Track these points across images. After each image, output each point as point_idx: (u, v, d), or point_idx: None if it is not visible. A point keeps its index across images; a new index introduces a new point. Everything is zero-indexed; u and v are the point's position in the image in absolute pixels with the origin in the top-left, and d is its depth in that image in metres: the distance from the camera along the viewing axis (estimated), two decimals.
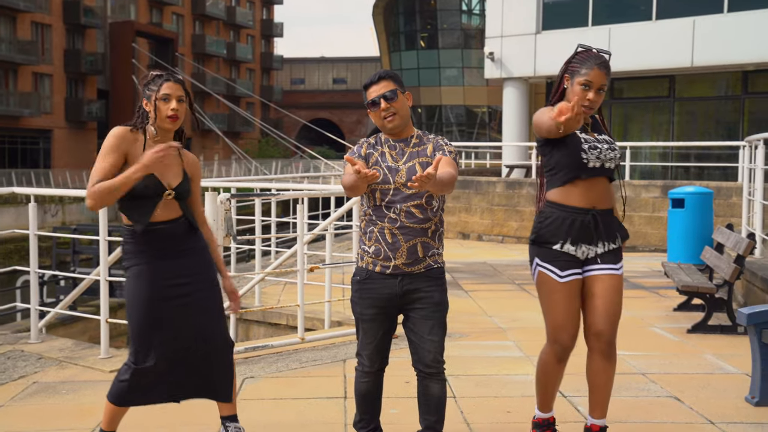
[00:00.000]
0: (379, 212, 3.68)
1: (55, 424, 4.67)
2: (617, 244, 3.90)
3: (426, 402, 3.80)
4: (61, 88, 48.32)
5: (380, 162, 3.70)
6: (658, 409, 4.90)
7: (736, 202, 12.98)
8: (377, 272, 3.70)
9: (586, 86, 3.71)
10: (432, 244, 3.70)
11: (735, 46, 18.14)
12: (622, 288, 3.89)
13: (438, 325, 3.70)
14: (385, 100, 3.68)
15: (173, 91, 3.83)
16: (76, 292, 7.13)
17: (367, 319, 3.75)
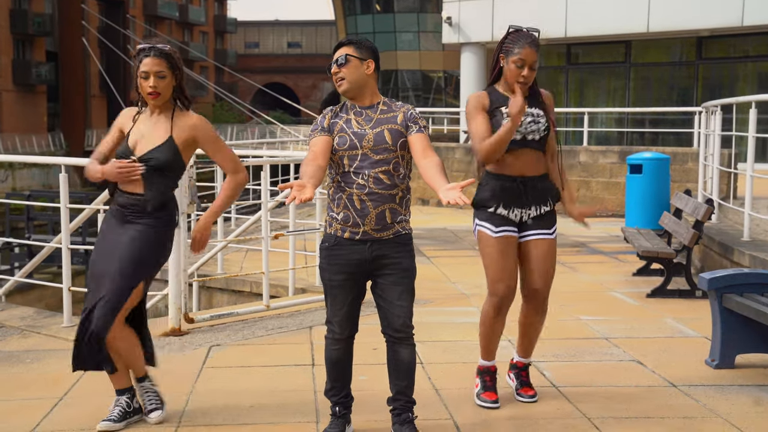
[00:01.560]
0: (347, 178, 3.70)
1: (21, 394, 4.62)
2: (549, 206, 4.27)
3: (396, 367, 3.84)
4: (7, 50, 47.02)
5: (345, 129, 3.73)
6: (622, 373, 5.01)
7: (691, 167, 13.20)
8: (346, 238, 3.72)
9: (520, 65, 4.09)
10: (399, 210, 3.74)
11: (690, 12, 18.32)
12: (555, 248, 4.29)
13: (407, 290, 3.76)
14: (336, 65, 3.75)
15: (151, 68, 3.87)
16: (36, 261, 7.02)
17: (337, 285, 3.77)
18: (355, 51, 3.75)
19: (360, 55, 3.74)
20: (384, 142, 3.69)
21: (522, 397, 4.46)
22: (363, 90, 3.78)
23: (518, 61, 4.08)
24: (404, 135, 3.73)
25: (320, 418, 4.19)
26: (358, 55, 3.74)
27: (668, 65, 20.55)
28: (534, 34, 4.16)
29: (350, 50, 3.75)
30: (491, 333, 4.39)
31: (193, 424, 4.13)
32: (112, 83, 49.67)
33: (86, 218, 6.91)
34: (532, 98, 4.23)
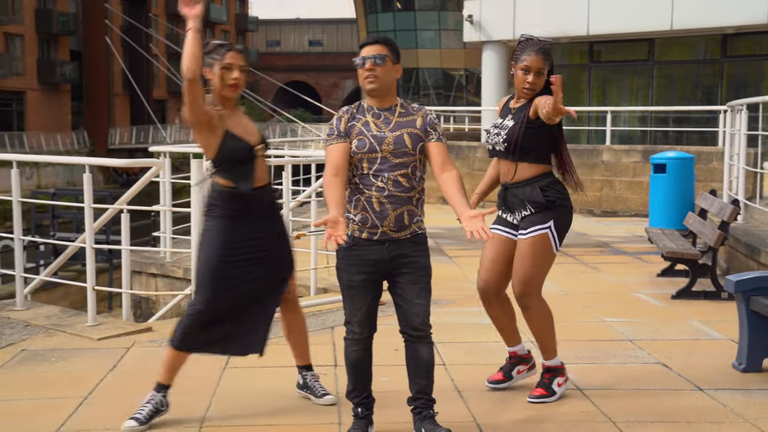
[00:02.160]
0: (366, 181, 3.71)
1: (47, 393, 4.65)
2: (529, 211, 4.38)
3: (416, 366, 3.85)
4: (32, 49, 47.44)
5: (364, 132, 3.74)
6: (647, 376, 4.97)
7: (716, 167, 13.07)
8: (364, 239, 3.74)
9: (526, 71, 4.28)
10: (416, 212, 3.78)
11: (715, 9, 18.12)
12: (533, 249, 4.37)
13: (425, 289, 3.79)
14: (372, 62, 3.73)
15: (236, 61, 4.04)
16: (61, 260, 7.07)
17: (356, 285, 3.78)
18: (390, 52, 3.77)
19: (393, 58, 3.78)
20: (404, 146, 3.71)
21: (529, 397, 4.52)
22: (388, 92, 3.80)
23: (524, 67, 4.27)
24: (423, 139, 3.75)
25: (342, 420, 4.19)
26: (392, 56, 3.77)
27: (692, 63, 20.34)
28: (544, 41, 4.31)
29: (386, 51, 3.76)
30: (493, 322, 4.70)
31: (216, 425, 4.14)
32: (135, 82, 50.04)
33: (110, 217, 6.95)
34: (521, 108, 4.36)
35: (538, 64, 4.24)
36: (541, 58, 4.25)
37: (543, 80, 4.30)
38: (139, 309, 9.33)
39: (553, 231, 4.36)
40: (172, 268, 8.97)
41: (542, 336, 4.52)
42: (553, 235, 4.36)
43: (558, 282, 7.89)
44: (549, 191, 4.35)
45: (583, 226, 12.41)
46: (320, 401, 4.43)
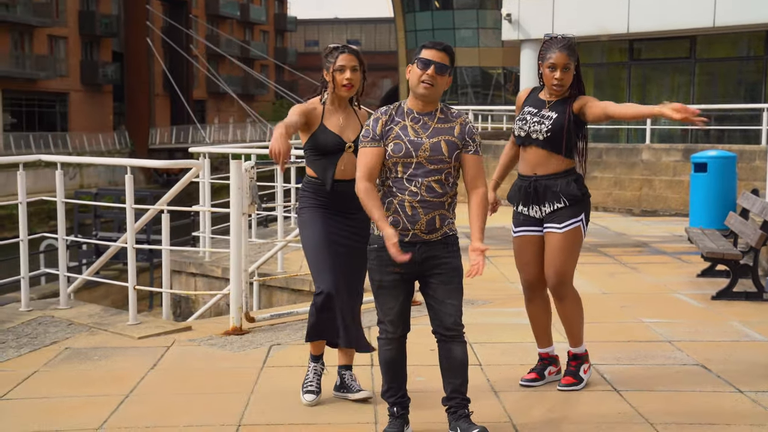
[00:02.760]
0: (399, 185, 3.74)
1: (88, 390, 4.74)
2: (563, 203, 4.48)
3: (449, 366, 3.86)
4: (76, 51, 48.22)
5: (401, 136, 3.75)
6: (685, 377, 4.92)
7: (759, 165, 12.87)
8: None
9: (552, 68, 4.40)
10: (448, 215, 3.81)
11: (757, 6, 17.83)
12: (568, 242, 4.50)
13: (456, 289, 3.81)
14: (436, 69, 3.74)
15: (347, 62, 4.29)
16: (103, 260, 7.20)
17: (388, 285, 3.81)
18: (449, 63, 3.80)
19: (451, 69, 3.82)
20: (440, 153, 3.73)
21: (558, 385, 4.66)
22: (436, 100, 3.83)
23: (550, 65, 4.40)
24: (459, 148, 3.77)
25: (378, 419, 4.22)
26: (450, 67, 3.81)
27: (735, 60, 20.04)
28: (568, 37, 4.42)
29: (448, 62, 3.79)
30: (531, 321, 4.82)
31: (253, 423, 4.19)
32: (175, 82, 50.66)
33: (151, 217, 7.06)
34: (560, 102, 4.47)
35: (563, 60, 4.36)
36: (566, 54, 4.37)
37: (570, 75, 4.42)
38: (178, 308, 9.45)
39: (584, 223, 4.54)
40: (211, 268, 9.08)
41: (573, 323, 4.66)
42: (584, 226, 4.55)
43: (597, 282, 7.85)
44: (579, 184, 4.52)
45: (622, 225, 12.31)
46: (356, 396, 4.49)
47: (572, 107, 4.45)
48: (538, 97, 4.56)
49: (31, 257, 16.99)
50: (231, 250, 6.05)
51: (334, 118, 4.34)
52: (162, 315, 6.75)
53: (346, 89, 4.30)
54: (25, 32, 44.55)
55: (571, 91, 4.50)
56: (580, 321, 4.67)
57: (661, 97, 20.96)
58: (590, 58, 21.69)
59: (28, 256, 6.56)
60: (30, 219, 24.22)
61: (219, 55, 57.31)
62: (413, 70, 3.78)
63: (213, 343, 5.74)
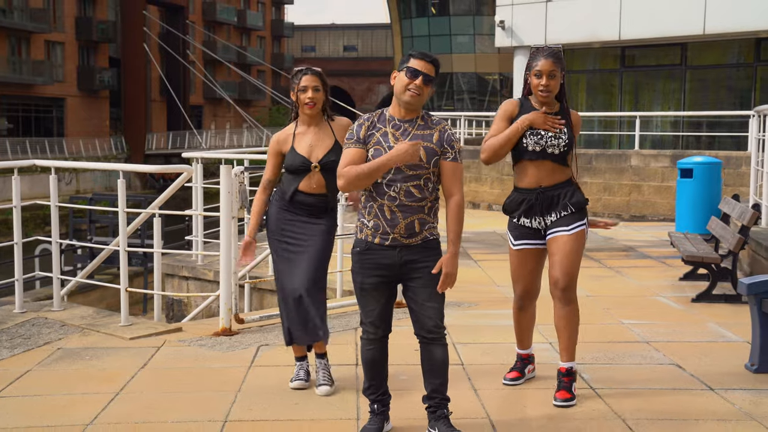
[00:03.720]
0: (379, 189, 3.85)
1: (81, 388, 4.87)
2: (568, 211, 4.56)
3: (430, 367, 3.98)
4: (73, 56, 48.38)
5: (382, 142, 3.86)
6: (660, 376, 5.07)
7: (745, 171, 13.04)
8: (376, 243, 3.88)
9: (538, 75, 4.48)
10: (428, 219, 3.90)
11: (748, 13, 18.04)
12: (577, 244, 4.55)
13: (436, 292, 3.88)
14: (423, 79, 3.85)
15: (309, 83, 4.66)
16: (96, 263, 7.33)
17: (369, 287, 3.93)
18: (435, 75, 3.92)
19: (434, 80, 3.93)
20: (418, 159, 3.81)
21: (555, 401, 4.56)
22: (419, 107, 3.94)
23: (536, 72, 4.48)
24: (438, 154, 3.86)
25: (360, 415, 4.36)
26: (435, 79, 3.93)
27: (725, 67, 20.24)
28: (554, 47, 4.53)
29: (434, 74, 3.90)
30: (519, 325, 4.91)
31: (240, 419, 4.33)
32: (172, 88, 50.79)
33: (143, 221, 7.20)
34: (558, 113, 4.58)
35: (548, 66, 4.45)
36: (551, 61, 4.46)
37: (557, 83, 4.50)
38: (171, 311, 9.59)
39: (587, 226, 4.63)
40: (204, 271, 9.22)
41: (572, 334, 4.61)
42: (588, 229, 4.64)
43: (581, 285, 7.96)
44: (580, 191, 4.66)
45: (611, 231, 12.46)
46: (317, 391, 4.77)
47: (571, 119, 4.60)
48: (529, 109, 4.57)
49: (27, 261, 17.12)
50: (221, 253, 6.19)
51: (305, 138, 4.69)
52: (154, 317, 6.88)
53: (309, 107, 4.64)
54: (22, 38, 44.71)
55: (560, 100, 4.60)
56: (577, 332, 4.64)
57: (653, 102, 21.15)
58: (583, 64, 21.88)
59: (22, 259, 6.69)
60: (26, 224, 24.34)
61: (216, 61, 57.46)
62: (400, 77, 3.88)
63: (202, 343, 5.88)
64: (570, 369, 4.61)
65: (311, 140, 4.68)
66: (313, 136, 4.70)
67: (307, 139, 4.69)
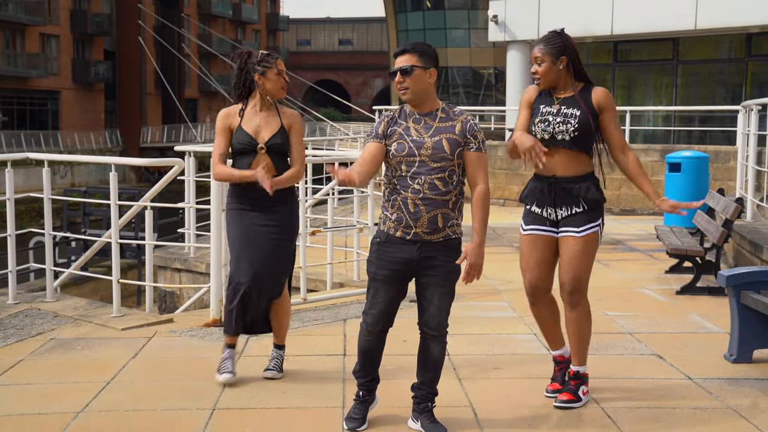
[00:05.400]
0: (403, 182, 3.86)
1: (73, 377, 4.97)
2: (582, 208, 4.32)
3: (425, 360, 4.07)
4: (68, 49, 48.35)
5: (405, 137, 3.88)
6: (641, 367, 5.18)
7: (733, 166, 13.16)
8: (398, 237, 3.90)
9: (532, 63, 4.41)
10: (452, 215, 3.88)
11: (739, 8, 18.14)
12: (587, 248, 4.35)
13: (448, 292, 3.95)
14: (401, 74, 3.87)
15: (283, 67, 4.72)
16: (89, 254, 7.42)
17: (381, 279, 3.95)
18: (419, 60, 3.87)
19: (424, 64, 3.87)
20: (442, 151, 3.83)
21: (556, 401, 4.46)
22: (425, 98, 3.92)
23: (531, 61, 4.43)
24: (461, 145, 3.85)
25: (346, 404, 4.46)
26: (422, 64, 3.87)
27: (717, 62, 20.35)
28: (550, 32, 4.38)
29: (415, 59, 3.87)
30: (538, 321, 4.66)
31: (228, 407, 4.43)
32: (167, 81, 50.75)
33: (135, 213, 7.28)
34: (570, 98, 4.32)
35: (535, 53, 4.31)
36: (539, 47, 4.31)
37: (547, 68, 4.28)
38: (164, 303, 9.68)
39: (601, 227, 4.40)
40: (196, 263, 9.31)
41: (581, 338, 4.47)
42: (601, 230, 4.41)
43: None
44: (598, 188, 4.36)
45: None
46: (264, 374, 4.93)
47: (590, 102, 4.30)
48: (551, 95, 4.39)
49: (21, 254, 17.18)
50: (211, 246, 6.28)
51: (254, 119, 4.68)
52: (146, 309, 6.97)
53: (284, 92, 4.70)
54: (16, 30, 44.67)
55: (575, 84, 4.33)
56: (588, 334, 4.49)
57: (645, 98, 21.26)
58: None
59: (15, 251, 6.77)
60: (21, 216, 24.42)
61: (211, 54, 57.39)
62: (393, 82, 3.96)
63: (193, 334, 5.97)
64: (578, 372, 4.49)
65: (259, 122, 4.66)
66: (261, 119, 4.67)
67: (255, 120, 4.67)
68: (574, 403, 4.43)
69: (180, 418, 4.28)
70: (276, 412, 4.38)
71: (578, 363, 4.50)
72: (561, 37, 4.33)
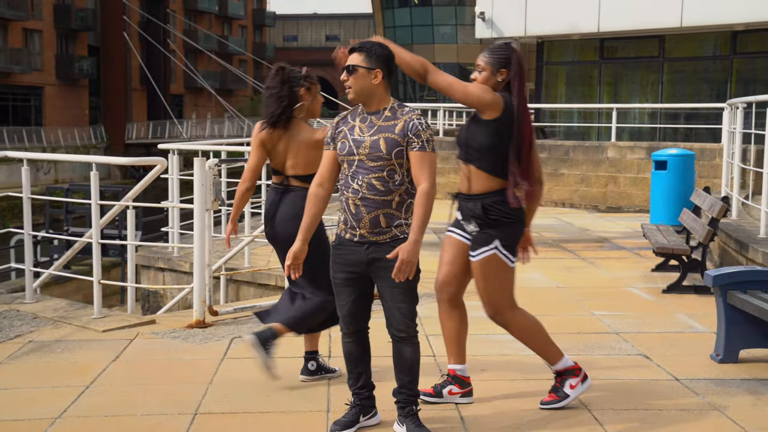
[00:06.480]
0: (345, 182, 3.85)
1: (51, 382, 4.88)
2: (477, 228, 4.22)
3: (399, 364, 4.00)
4: (51, 45, 47.95)
5: (348, 135, 3.85)
6: (628, 367, 5.15)
7: (719, 163, 13.16)
8: (347, 239, 3.87)
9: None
10: (397, 215, 3.81)
11: (724, 6, 18.17)
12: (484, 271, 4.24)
13: (404, 292, 3.83)
14: (345, 72, 3.86)
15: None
16: (69, 254, 7.31)
17: (339, 283, 3.93)
18: (364, 60, 3.81)
19: (368, 65, 3.80)
20: (378, 151, 3.77)
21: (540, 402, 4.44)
22: (370, 98, 3.86)
23: None
24: (401, 144, 3.77)
25: (331, 407, 4.40)
26: (366, 64, 3.80)
27: (702, 60, 20.38)
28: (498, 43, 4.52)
29: (359, 59, 3.81)
30: (441, 327, 4.60)
31: (210, 412, 4.36)
32: (152, 77, 50.49)
33: (117, 213, 7.18)
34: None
35: (478, 60, 4.26)
36: (484, 55, 4.25)
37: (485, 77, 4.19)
38: (147, 303, 9.58)
39: (501, 250, 4.18)
40: (179, 263, 9.21)
41: (535, 346, 4.42)
42: (503, 253, 4.19)
43: (554, 276, 8.09)
44: (493, 210, 4.16)
45: (586, 222, 12.56)
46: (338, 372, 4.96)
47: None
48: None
49: (2, 253, 17.01)
50: (194, 245, 6.20)
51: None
52: (127, 310, 6.89)
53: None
54: None
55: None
56: (540, 341, 4.40)
57: (631, 95, 21.28)
58: (562, 56, 21.98)
59: None
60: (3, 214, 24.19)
61: (197, 50, 57.17)
62: None
63: (176, 335, 5.90)
64: (557, 371, 4.44)
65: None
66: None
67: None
68: (555, 403, 4.38)
69: (161, 423, 4.20)
70: (260, 417, 4.31)
71: (552, 362, 4.45)
72: (507, 50, 4.22)
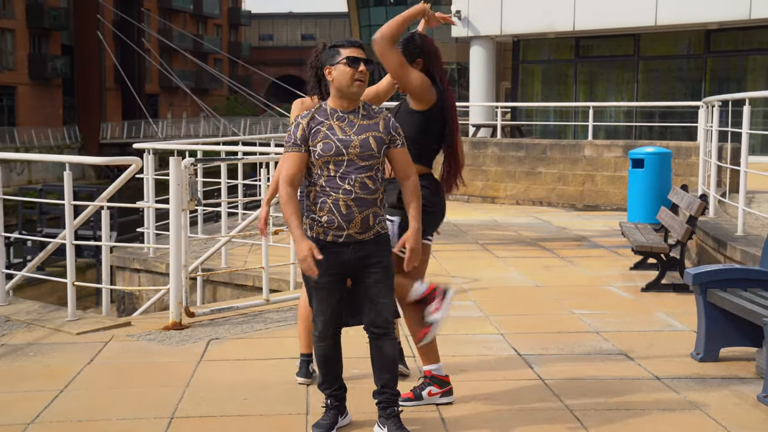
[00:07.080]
0: (332, 183, 3.76)
1: (24, 386, 4.78)
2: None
3: (380, 362, 3.95)
4: (24, 44, 47.42)
5: (330, 135, 3.78)
6: (608, 366, 5.13)
7: (695, 161, 13.23)
8: (329, 241, 3.81)
9: None
10: (379, 213, 3.87)
11: (698, 6, 18.31)
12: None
13: (388, 287, 3.88)
14: (365, 65, 3.81)
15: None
16: (43, 255, 7.19)
17: (322, 286, 3.87)
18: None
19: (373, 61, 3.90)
20: (369, 149, 3.77)
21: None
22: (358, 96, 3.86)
23: None
24: (386, 143, 3.83)
25: (310, 410, 4.34)
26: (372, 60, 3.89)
27: (677, 58, 20.53)
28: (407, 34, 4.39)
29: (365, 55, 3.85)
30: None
31: (187, 416, 4.28)
32: (127, 77, 50.07)
33: (91, 213, 7.08)
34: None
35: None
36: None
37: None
38: (123, 305, 9.46)
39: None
40: (155, 264, 9.11)
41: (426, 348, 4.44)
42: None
43: (533, 276, 8.07)
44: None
45: (564, 220, 12.58)
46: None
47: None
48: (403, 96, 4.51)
49: None
50: (170, 246, 6.11)
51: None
52: (102, 311, 6.78)
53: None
54: None
55: None
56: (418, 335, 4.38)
57: (606, 93, 21.38)
58: (538, 55, 22.05)
59: None
60: None
61: (172, 49, 56.74)
62: (341, 70, 3.77)
63: (152, 338, 5.81)
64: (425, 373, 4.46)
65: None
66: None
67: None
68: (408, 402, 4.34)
69: (137, 428, 4.12)
70: (238, 420, 4.24)
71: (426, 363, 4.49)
72: (418, 40, 4.32)
